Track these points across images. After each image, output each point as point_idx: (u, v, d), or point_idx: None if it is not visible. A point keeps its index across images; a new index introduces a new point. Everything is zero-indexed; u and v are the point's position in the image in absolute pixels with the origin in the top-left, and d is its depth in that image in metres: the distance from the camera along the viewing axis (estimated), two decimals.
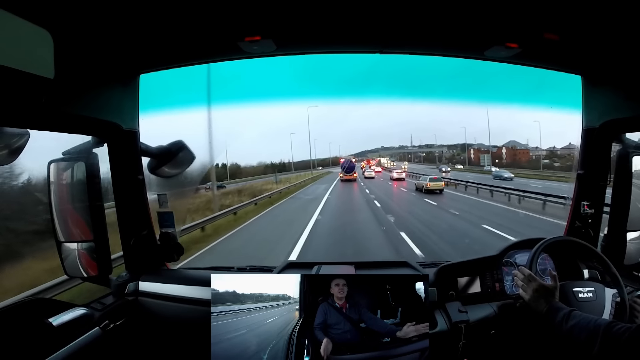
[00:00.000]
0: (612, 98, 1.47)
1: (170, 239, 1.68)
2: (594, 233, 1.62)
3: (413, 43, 1.45)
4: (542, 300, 1.15)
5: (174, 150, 1.58)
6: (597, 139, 1.55)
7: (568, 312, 1.06)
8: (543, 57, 1.47)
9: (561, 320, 1.05)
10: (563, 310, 1.07)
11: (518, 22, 1.16)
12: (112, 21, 1.07)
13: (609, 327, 0.93)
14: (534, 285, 1.18)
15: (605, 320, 0.96)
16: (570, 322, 1.02)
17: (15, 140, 1.13)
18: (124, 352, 1.36)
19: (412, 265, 1.67)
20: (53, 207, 1.37)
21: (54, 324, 1.14)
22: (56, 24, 0.96)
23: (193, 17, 1.11)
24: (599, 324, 0.95)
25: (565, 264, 1.48)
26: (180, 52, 1.42)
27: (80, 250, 1.40)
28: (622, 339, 0.88)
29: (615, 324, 0.93)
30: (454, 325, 1.30)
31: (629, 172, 1.47)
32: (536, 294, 1.16)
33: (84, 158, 1.34)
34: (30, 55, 0.91)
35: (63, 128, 1.20)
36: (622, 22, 1.08)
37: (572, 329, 1.01)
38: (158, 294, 1.52)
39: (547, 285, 1.18)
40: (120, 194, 1.51)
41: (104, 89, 1.31)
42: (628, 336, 0.87)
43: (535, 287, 1.17)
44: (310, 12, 1.12)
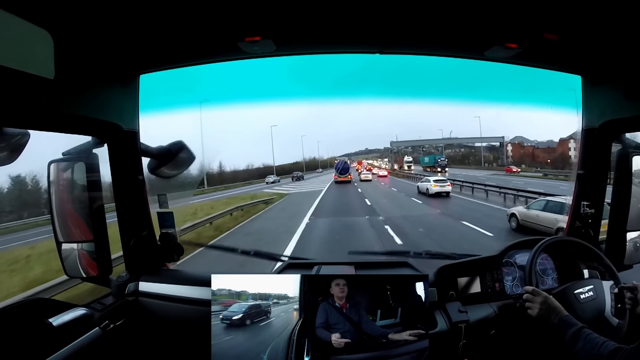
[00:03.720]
0: (612, 98, 1.46)
1: (170, 239, 1.68)
2: (594, 233, 1.62)
3: (413, 43, 1.45)
4: (551, 313, 1.14)
5: (174, 151, 1.58)
6: (597, 139, 1.55)
7: (577, 330, 1.05)
8: (543, 57, 1.47)
9: (570, 339, 1.05)
10: (572, 328, 1.07)
11: (518, 22, 1.16)
12: (112, 21, 1.07)
13: (613, 354, 0.92)
14: (540, 299, 1.18)
15: (612, 346, 0.95)
16: (578, 344, 1.02)
17: (15, 140, 1.13)
18: (124, 352, 1.36)
19: (412, 265, 1.67)
20: (53, 207, 1.37)
21: (54, 324, 1.14)
22: (56, 24, 0.96)
23: (193, 17, 1.11)
24: (602, 352, 0.95)
25: (565, 264, 1.48)
26: (180, 53, 1.42)
27: (80, 250, 1.40)
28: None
29: (619, 349, 0.92)
30: (454, 326, 1.30)
31: (629, 172, 1.47)
32: (544, 306, 1.16)
33: (84, 158, 1.34)
34: (30, 55, 0.91)
35: (63, 128, 1.20)
36: (622, 22, 1.08)
37: (578, 352, 1.01)
38: (158, 294, 1.52)
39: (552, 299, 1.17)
40: (121, 194, 1.51)
41: (104, 89, 1.31)
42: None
43: (542, 301, 1.17)
44: (311, 12, 1.12)
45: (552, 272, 1.49)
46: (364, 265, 1.66)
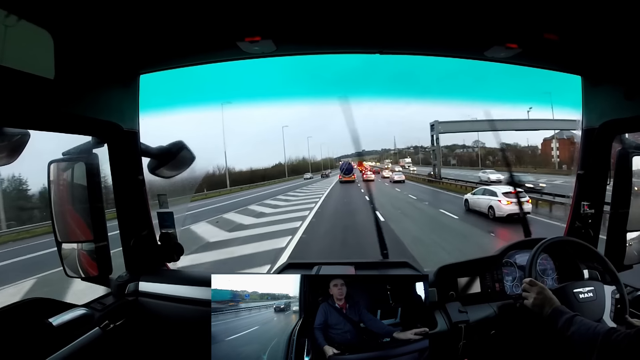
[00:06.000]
0: (612, 98, 1.46)
1: (170, 239, 1.68)
2: (594, 233, 1.62)
3: (413, 44, 1.45)
4: (546, 304, 1.15)
5: (174, 151, 1.58)
6: (597, 139, 1.55)
7: (570, 317, 1.05)
8: (543, 58, 1.47)
9: (563, 325, 1.05)
10: (565, 315, 1.07)
11: (518, 23, 1.16)
12: (112, 21, 1.07)
13: (607, 335, 0.93)
14: (537, 289, 1.18)
15: (605, 328, 0.96)
16: (571, 328, 1.02)
17: (15, 141, 1.13)
18: (124, 352, 1.36)
19: (412, 265, 1.67)
20: (53, 207, 1.37)
21: (54, 324, 1.14)
22: (56, 24, 0.96)
23: (193, 17, 1.11)
24: (598, 332, 0.95)
25: (565, 264, 1.48)
26: (180, 53, 1.42)
27: (80, 250, 1.40)
28: (621, 346, 0.88)
29: (615, 331, 0.93)
30: (454, 326, 1.30)
31: (629, 172, 1.47)
32: (540, 296, 1.17)
33: (84, 158, 1.34)
34: (30, 56, 0.91)
35: (63, 128, 1.20)
36: (622, 22, 1.08)
37: (572, 335, 1.01)
38: (158, 294, 1.52)
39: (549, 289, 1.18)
40: (121, 194, 1.51)
41: (104, 89, 1.31)
42: (627, 343, 0.87)
43: (538, 291, 1.18)
44: (311, 12, 1.12)
45: (552, 272, 1.49)
46: (364, 265, 1.66)
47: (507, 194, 10.68)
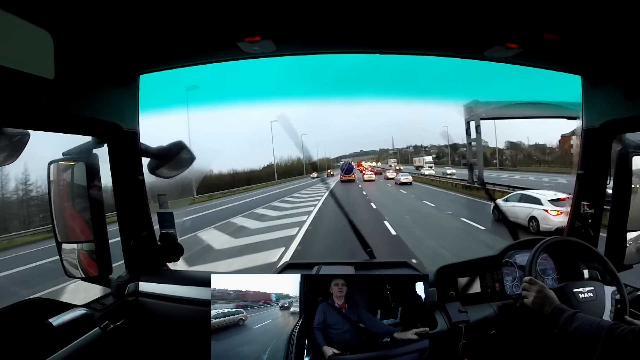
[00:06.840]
0: (612, 98, 1.46)
1: (171, 240, 1.68)
2: (594, 233, 1.62)
3: (413, 43, 1.45)
4: (546, 302, 1.15)
5: (174, 151, 1.58)
6: (597, 139, 1.55)
7: (572, 314, 1.06)
8: (543, 58, 1.47)
9: (565, 322, 1.05)
10: (566, 312, 1.07)
11: (518, 22, 1.16)
12: (112, 21, 1.07)
13: (611, 329, 0.92)
14: (536, 287, 1.18)
15: (608, 322, 0.96)
16: (573, 324, 1.02)
17: (15, 141, 1.13)
18: (124, 352, 1.36)
19: (412, 265, 1.67)
20: (53, 207, 1.37)
21: (54, 324, 1.14)
22: (56, 24, 0.96)
23: (193, 17, 1.11)
24: (602, 326, 0.95)
25: (565, 264, 1.48)
26: (180, 53, 1.42)
27: (80, 250, 1.40)
28: (624, 340, 0.88)
29: (618, 326, 0.93)
30: (454, 326, 1.30)
31: (629, 172, 1.47)
32: (540, 294, 1.17)
33: (84, 158, 1.34)
34: (30, 56, 0.91)
35: (63, 128, 1.20)
36: (622, 22, 1.08)
37: (575, 330, 1.01)
38: (158, 294, 1.52)
39: (549, 288, 1.18)
40: (121, 194, 1.51)
41: (104, 90, 1.31)
42: (631, 338, 0.87)
43: (538, 290, 1.18)
44: (311, 12, 1.12)
45: (552, 272, 1.49)
46: (363, 265, 1.66)
47: (555, 201, 8.17)
